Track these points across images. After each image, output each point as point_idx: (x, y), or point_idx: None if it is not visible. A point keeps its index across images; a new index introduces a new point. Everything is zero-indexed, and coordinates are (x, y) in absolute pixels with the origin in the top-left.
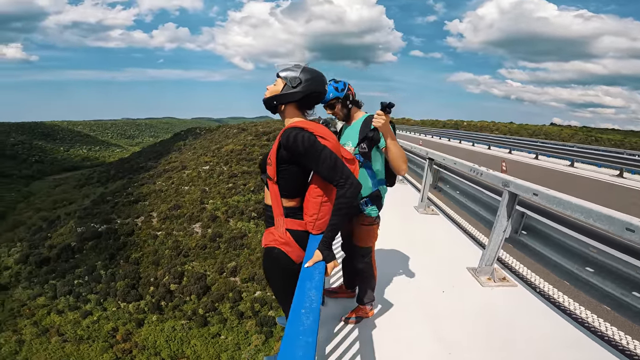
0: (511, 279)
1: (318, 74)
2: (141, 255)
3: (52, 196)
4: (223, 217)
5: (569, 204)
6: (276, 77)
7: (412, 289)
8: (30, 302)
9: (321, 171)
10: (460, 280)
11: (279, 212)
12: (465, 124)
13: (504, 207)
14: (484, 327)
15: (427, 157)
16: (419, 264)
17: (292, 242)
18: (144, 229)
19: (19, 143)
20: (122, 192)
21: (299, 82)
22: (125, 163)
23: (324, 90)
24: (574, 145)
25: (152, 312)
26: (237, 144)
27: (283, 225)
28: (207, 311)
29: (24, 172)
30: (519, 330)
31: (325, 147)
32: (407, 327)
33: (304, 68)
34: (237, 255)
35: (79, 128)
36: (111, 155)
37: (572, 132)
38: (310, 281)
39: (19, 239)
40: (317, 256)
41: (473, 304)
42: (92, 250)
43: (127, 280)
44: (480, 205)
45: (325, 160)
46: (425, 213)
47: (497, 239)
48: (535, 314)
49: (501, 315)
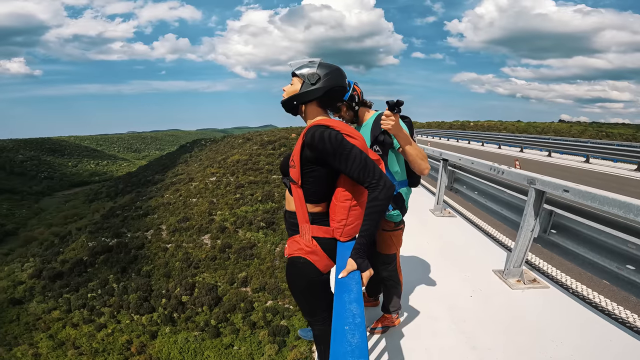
0: (542, 281)
1: (336, 68)
2: (152, 268)
3: (62, 212)
4: (232, 228)
5: (605, 199)
6: (292, 76)
7: (437, 294)
8: (45, 315)
9: (351, 172)
10: (488, 284)
11: (304, 218)
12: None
13: (530, 205)
14: (519, 331)
15: (441, 158)
16: (442, 269)
17: (319, 250)
18: (154, 242)
19: (27, 160)
20: (131, 206)
21: (318, 78)
22: (132, 177)
23: (345, 85)
24: (588, 141)
25: (165, 324)
26: (242, 154)
27: (309, 233)
28: (220, 322)
29: (34, 188)
30: (558, 333)
31: (354, 145)
32: (437, 335)
33: (320, 63)
34: (247, 265)
35: (86, 143)
36: (119, 170)
37: (582, 129)
38: (348, 293)
39: (31, 255)
40: (351, 265)
41: (504, 308)
42: (104, 264)
43: (139, 293)
44: (502, 205)
45: (355, 159)
46: (442, 216)
47: (525, 239)
48: (573, 316)
49: (536, 318)
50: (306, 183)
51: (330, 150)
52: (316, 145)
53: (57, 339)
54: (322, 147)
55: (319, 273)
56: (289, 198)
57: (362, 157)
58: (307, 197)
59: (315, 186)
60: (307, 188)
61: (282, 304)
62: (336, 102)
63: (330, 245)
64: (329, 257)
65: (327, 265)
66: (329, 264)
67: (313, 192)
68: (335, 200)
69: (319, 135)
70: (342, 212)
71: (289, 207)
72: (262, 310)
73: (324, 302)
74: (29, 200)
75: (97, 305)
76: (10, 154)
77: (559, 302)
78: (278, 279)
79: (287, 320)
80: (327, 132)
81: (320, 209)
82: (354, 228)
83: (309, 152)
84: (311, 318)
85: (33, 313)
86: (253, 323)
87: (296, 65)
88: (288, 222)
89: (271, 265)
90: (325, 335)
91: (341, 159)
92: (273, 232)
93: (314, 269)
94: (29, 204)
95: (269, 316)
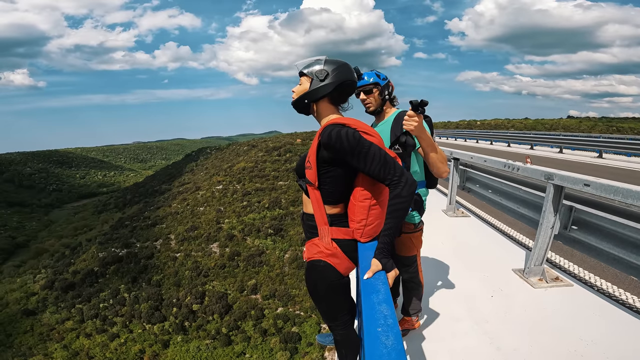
0: (565, 279)
1: (343, 63)
2: (162, 277)
3: (72, 223)
4: (240, 236)
5: (628, 192)
6: (299, 76)
7: (456, 295)
8: (59, 326)
9: (371, 170)
10: (508, 283)
11: (322, 220)
12: (478, 123)
13: (549, 202)
14: (545, 330)
15: (452, 158)
16: (459, 269)
17: (339, 253)
18: (163, 252)
19: (35, 172)
20: (140, 216)
21: (326, 74)
22: (140, 187)
23: (354, 78)
24: (600, 136)
25: (176, 333)
26: (248, 162)
27: (328, 235)
28: (231, 330)
29: (43, 201)
30: (587, 332)
31: (372, 143)
32: (459, 337)
33: (326, 60)
34: (256, 272)
35: (92, 154)
36: (126, 180)
37: (592, 124)
38: (377, 294)
39: (43, 266)
40: (375, 266)
41: (528, 307)
42: (114, 274)
43: (150, 302)
44: (519, 203)
45: (375, 157)
46: (455, 216)
47: (545, 237)
48: (601, 314)
49: (562, 317)
50: (323, 184)
51: (349, 149)
52: (334, 144)
53: (71, 349)
54: (340, 147)
55: (339, 276)
56: (306, 200)
57: (382, 154)
58: (325, 198)
59: (333, 187)
60: (324, 189)
61: (292, 311)
62: (347, 97)
63: (351, 247)
64: (349, 260)
65: (347, 267)
66: (350, 266)
67: (331, 193)
68: (354, 200)
69: (336, 134)
70: (361, 212)
71: (306, 210)
72: (273, 317)
73: (346, 306)
74: (38, 212)
75: (110, 315)
76: (18, 167)
77: (585, 300)
78: (288, 285)
79: (298, 327)
80: (344, 130)
81: (338, 210)
82: (374, 228)
83: (325, 153)
84: (332, 322)
85: (47, 324)
86: (264, 330)
87: (303, 65)
88: (306, 224)
89: (280, 272)
90: (346, 339)
91: (360, 157)
92: (281, 238)
93: (335, 272)
94: (38, 216)
95: (280, 323)
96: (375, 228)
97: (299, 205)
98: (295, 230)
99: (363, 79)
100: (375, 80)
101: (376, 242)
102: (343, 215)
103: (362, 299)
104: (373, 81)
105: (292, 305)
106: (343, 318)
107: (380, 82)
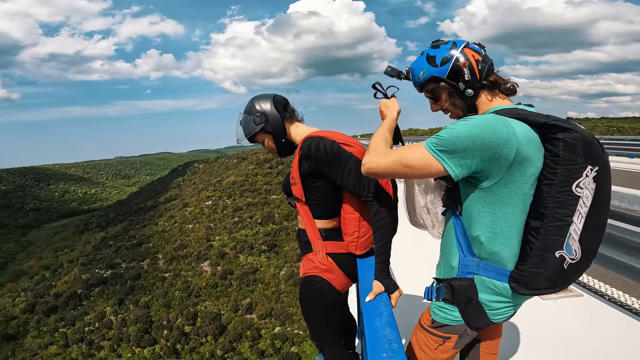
0: (574, 289)
1: (257, 95)
2: (151, 299)
3: (52, 244)
4: (232, 253)
5: (636, 199)
6: (250, 142)
7: None
8: (42, 351)
9: (347, 184)
10: None
11: (315, 235)
12: None
13: None
14: (557, 343)
15: None
16: None
17: (334, 268)
18: (150, 272)
19: (11, 191)
20: (124, 235)
21: (261, 110)
22: (123, 205)
23: (272, 94)
24: (600, 138)
25: (168, 357)
26: (238, 175)
27: (322, 250)
28: (226, 352)
29: (20, 221)
30: (600, 344)
31: (351, 154)
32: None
33: (245, 110)
34: (250, 291)
35: (72, 171)
36: (108, 198)
37: (592, 125)
38: (379, 317)
39: (22, 289)
40: (377, 287)
41: (537, 320)
42: (99, 296)
43: (139, 325)
44: None
45: (352, 171)
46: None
47: None
48: (613, 324)
49: (573, 328)
50: (310, 198)
51: (326, 160)
52: (314, 155)
53: None
54: (319, 158)
55: (335, 292)
56: (299, 216)
57: (358, 169)
58: (317, 213)
59: (321, 200)
60: (314, 204)
61: (290, 330)
62: (287, 106)
63: (347, 262)
64: (345, 275)
65: (343, 283)
66: (346, 282)
67: (320, 207)
68: (344, 213)
69: (315, 145)
70: (352, 225)
71: (301, 226)
72: (270, 337)
73: (338, 327)
74: (15, 233)
75: (96, 339)
76: None
77: (595, 310)
78: (285, 303)
79: (297, 347)
80: (323, 142)
81: (334, 224)
82: (368, 239)
83: (307, 165)
84: (321, 342)
85: (29, 348)
86: (262, 351)
87: (241, 135)
88: (301, 240)
89: (276, 289)
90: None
91: (337, 169)
92: (276, 255)
93: (331, 288)
94: (16, 237)
95: (278, 343)
96: (370, 239)
97: (293, 219)
98: (290, 246)
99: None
100: (430, 73)
101: None
102: (338, 230)
103: (364, 323)
104: (425, 76)
105: (290, 324)
106: (333, 338)
107: (440, 72)
